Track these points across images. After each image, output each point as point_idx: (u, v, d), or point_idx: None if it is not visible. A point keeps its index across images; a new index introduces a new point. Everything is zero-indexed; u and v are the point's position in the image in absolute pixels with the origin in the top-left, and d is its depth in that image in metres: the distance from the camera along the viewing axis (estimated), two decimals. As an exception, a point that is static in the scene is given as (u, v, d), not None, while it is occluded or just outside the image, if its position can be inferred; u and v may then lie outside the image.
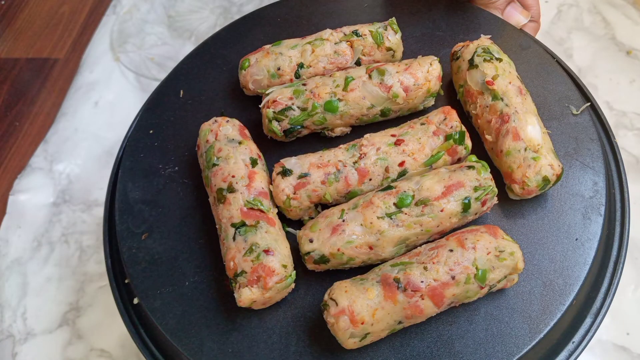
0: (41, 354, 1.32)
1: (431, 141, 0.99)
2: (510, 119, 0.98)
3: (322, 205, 1.01)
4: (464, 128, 1.00)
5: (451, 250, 0.87)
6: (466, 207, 0.92)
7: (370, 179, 0.98)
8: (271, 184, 0.99)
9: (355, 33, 1.12)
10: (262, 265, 0.89)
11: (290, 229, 1.00)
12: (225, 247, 0.93)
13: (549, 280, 0.93)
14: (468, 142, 1.00)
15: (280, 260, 0.90)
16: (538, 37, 1.26)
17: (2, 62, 1.86)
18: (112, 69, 1.76)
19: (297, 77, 1.11)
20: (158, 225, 1.04)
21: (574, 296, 0.91)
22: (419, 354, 0.89)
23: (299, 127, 1.06)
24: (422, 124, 1.01)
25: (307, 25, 1.27)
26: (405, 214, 0.90)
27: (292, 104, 1.04)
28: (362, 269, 0.93)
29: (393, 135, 1.00)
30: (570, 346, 0.96)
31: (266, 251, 0.90)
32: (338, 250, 0.90)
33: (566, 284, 0.92)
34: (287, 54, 1.11)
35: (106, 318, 1.33)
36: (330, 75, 1.07)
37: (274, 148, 1.10)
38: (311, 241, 0.92)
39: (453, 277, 0.85)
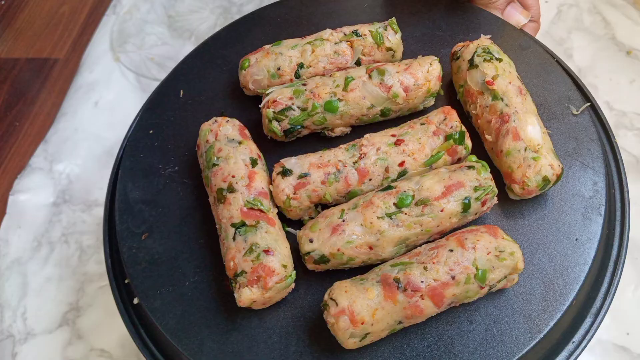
0: (41, 354, 1.31)
1: (431, 141, 0.99)
2: (510, 119, 0.98)
3: (322, 205, 1.01)
4: (464, 128, 1.00)
5: (451, 250, 0.87)
6: (466, 207, 0.92)
7: (370, 179, 0.98)
8: (271, 184, 0.99)
9: (355, 33, 1.12)
10: (262, 265, 0.89)
11: (290, 229, 1.00)
12: (225, 247, 0.93)
13: (549, 280, 0.93)
14: (468, 142, 1.00)
15: (280, 260, 0.90)
16: (538, 37, 1.26)
17: (2, 62, 1.86)
18: (112, 69, 1.76)
19: (297, 77, 1.11)
20: (158, 225, 1.04)
21: (574, 296, 0.91)
22: (419, 354, 0.89)
23: (299, 127, 1.06)
24: (422, 124, 1.01)
25: (307, 25, 1.27)
26: (405, 214, 0.90)
27: (292, 104, 1.04)
28: (362, 269, 0.93)
29: (393, 135, 1.00)
30: (570, 346, 0.95)
31: (266, 251, 0.90)
32: (338, 250, 0.90)
33: (566, 284, 0.92)
34: (287, 54, 1.11)
35: (106, 318, 1.33)
36: (330, 75, 1.07)
37: (274, 148, 1.10)
38: (311, 241, 0.92)
39: (453, 277, 0.85)
